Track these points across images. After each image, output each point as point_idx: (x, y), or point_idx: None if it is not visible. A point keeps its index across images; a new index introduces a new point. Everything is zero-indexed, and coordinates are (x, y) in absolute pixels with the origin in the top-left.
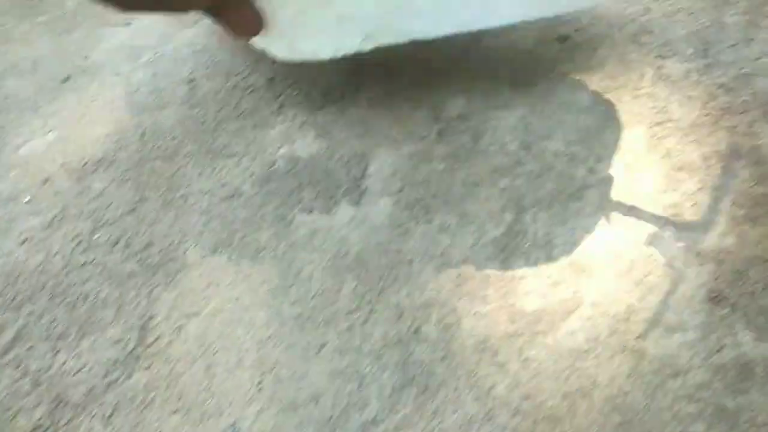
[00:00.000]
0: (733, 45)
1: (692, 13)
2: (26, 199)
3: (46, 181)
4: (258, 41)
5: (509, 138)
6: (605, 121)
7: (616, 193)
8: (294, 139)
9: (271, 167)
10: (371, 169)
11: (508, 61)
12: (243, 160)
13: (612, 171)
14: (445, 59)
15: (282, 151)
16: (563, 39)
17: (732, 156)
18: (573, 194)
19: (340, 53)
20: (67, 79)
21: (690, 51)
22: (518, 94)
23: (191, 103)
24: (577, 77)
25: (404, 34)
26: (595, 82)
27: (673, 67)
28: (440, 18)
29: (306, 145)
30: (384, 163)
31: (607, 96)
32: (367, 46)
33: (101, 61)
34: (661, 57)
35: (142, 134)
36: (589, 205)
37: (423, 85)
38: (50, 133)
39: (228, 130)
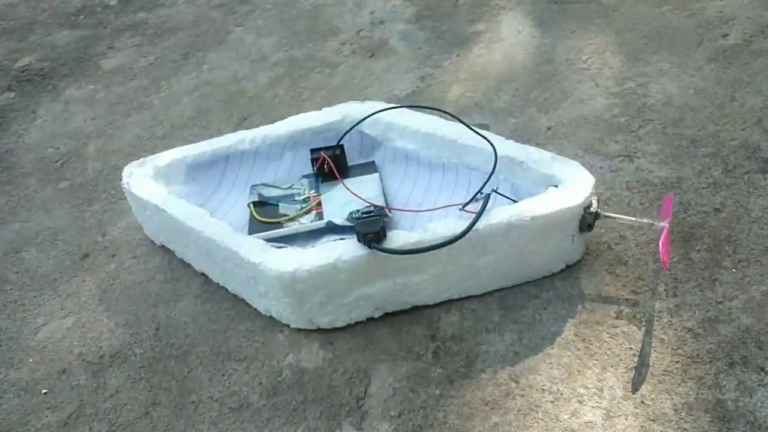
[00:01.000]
0: (698, 285)
1: None
2: (44, 391)
3: (63, 372)
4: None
5: (499, 366)
6: (586, 360)
7: None
8: (300, 346)
9: (278, 377)
10: (372, 388)
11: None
12: (252, 367)
13: (593, 416)
14: None
15: (289, 359)
16: None
17: (699, 409)
18: None
19: (353, 321)
20: (85, 256)
21: (662, 288)
22: (507, 319)
23: (204, 297)
24: (561, 307)
25: (408, 303)
26: (576, 313)
27: (647, 305)
28: (438, 291)
29: (312, 354)
30: (384, 383)
31: (587, 332)
32: (377, 314)
33: (119, 239)
34: (635, 292)
35: (157, 329)
36: None
37: None
38: (68, 317)
39: (238, 330)
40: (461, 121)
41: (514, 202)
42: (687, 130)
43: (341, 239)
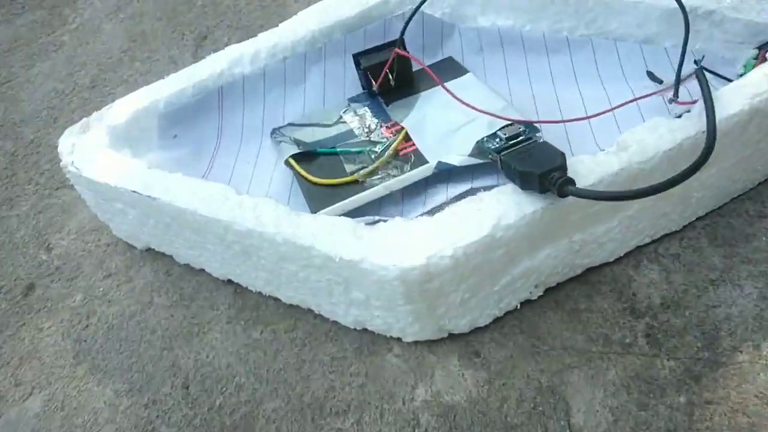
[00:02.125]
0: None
1: None
2: None
3: None
4: None
5: (760, 335)
6: None
7: None
8: (430, 368)
9: (415, 429)
10: (578, 417)
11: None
12: (364, 421)
13: None
14: None
15: (420, 394)
16: None
17: None
18: None
19: (501, 313)
20: (29, 289)
21: None
22: (736, 259)
23: (245, 318)
24: None
25: (581, 267)
26: None
27: None
28: (626, 241)
29: (454, 379)
30: (593, 403)
31: None
32: (536, 295)
33: (74, 251)
34: None
35: (186, 387)
36: None
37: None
38: (31, 400)
39: (320, 363)
40: None
41: (726, 80)
42: None
43: (468, 189)
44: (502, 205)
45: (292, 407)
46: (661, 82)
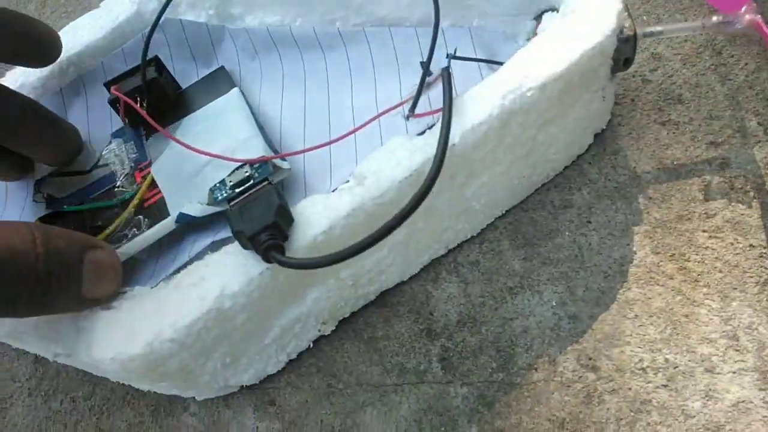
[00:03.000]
0: None
1: (722, 48)
2: None
3: None
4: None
5: (556, 350)
6: (690, 292)
7: None
8: (225, 426)
9: None
10: None
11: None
12: None
13: (742, 389)
14: None
15: None
16: None
17: None
18: None
19: (293, 355)
20: None
21: (753, 123)
22: (536, 261)
23: (40, 390)
24: (611, 211)
25: (371, 295)
26: (640, 213)
27: (740, 158)
28: (412, 261)
29: None
30: None
31: (671, 241)
32: (327, 330)
33: None
34: (715, 143)
35: None
36: None
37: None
38: None
39: (119, 430)
40: None
41: (495, 63)
42: None
43: (209, 244)
44: (228, 270)
45: None
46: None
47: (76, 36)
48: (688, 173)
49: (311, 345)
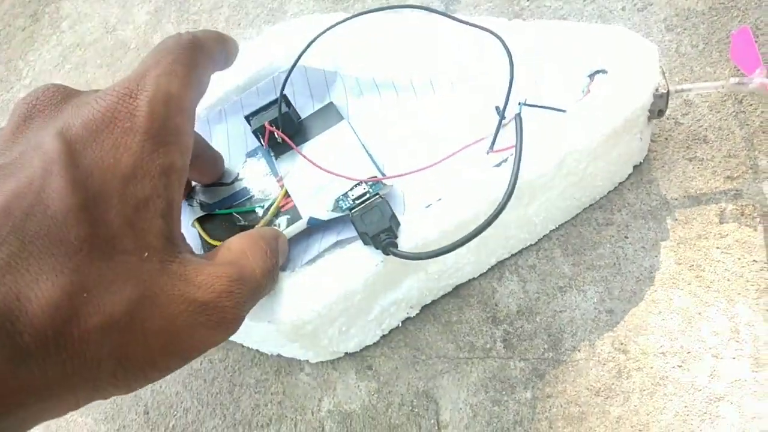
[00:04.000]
0: None
1: (743, 98)
2: None
3: None
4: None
5: (595, 336)
6: (704, 295)
7: None
8: (333, 383)
9: None
10: (445, 415)
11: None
12: (282, 430)
13: (738, 371)
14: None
15: (325, 405)
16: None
17: None
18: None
19: (386, 331)
20: None
21: (764, 162)
22: (582, 266)
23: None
24: (646, 229)
25: (449, 286)
26: (668, 232)
27: (752, 190)
28: (483, 262)
29: (352, 390)
30: (458, 402)
31: (691, 254)
32: (413, 313)
33: None
34: (731, 178)
35: (146, 412)
36: None
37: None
38: None
39: (247, 386)
40: (450, 17)
41: (557, 110)
42: None
43: (335, 242)
44: (356, 261)
45: (227, 424)
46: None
47: (222, 79)
48: (707, 201)
49: (400, 324)
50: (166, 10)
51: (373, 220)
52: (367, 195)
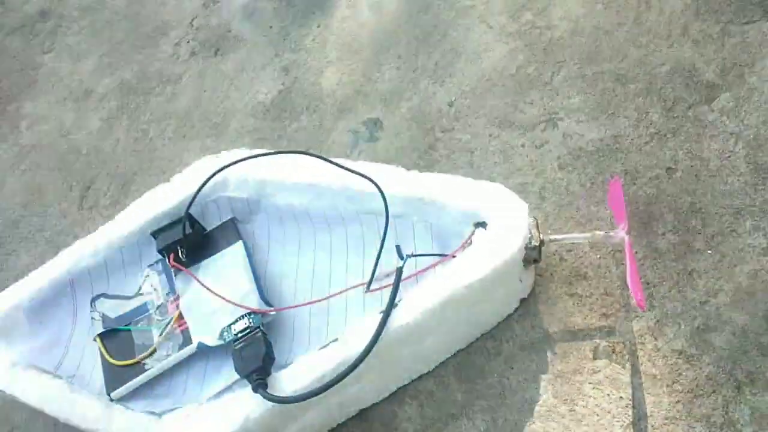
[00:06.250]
0: (675, 284)
1: None
2: None
3: None
4: None
5: None
6: (575, 428)
7: None
8: None
9: None
10: None
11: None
12: None
13: None
14: None
15: None
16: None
17: None
18: None
19: None
20: None
21: (634, 302)
22: (472, 395)
23: None
24: (528, 361)
25: (353, 411)
26: (547, 365)
27: (623, 329)
28: (384, 389)
29: None
30: None
31: (566, 389)
32: None
33: None
34: (606, 315)
35: None
36: None
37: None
38: None
39: None
40: (335, 163)
41: (443, 256)
42: (607, 64)
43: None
44: (252, 401)
45: None
46: (402, 257)
47: (154, 205)
48: (584, 336)
49: None
50: (118, 119)
51: (248, 357)
52: (248, 330)
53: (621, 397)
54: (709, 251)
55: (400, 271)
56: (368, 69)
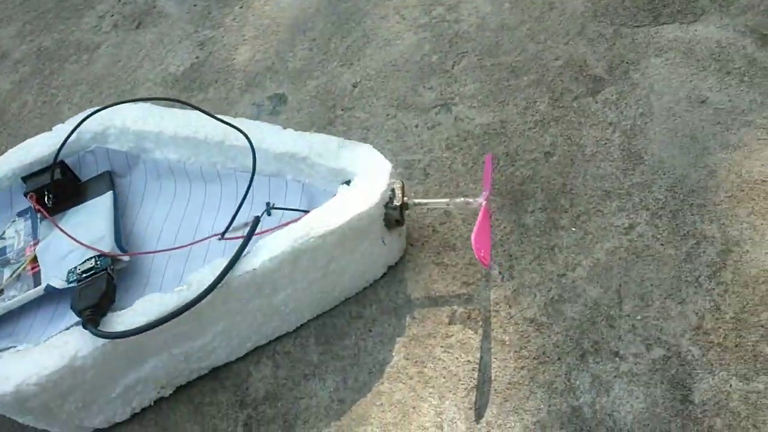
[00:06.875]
0: (536, 257)
1: (492, 214)
2: None
3: None
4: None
5: (323, 425)
6: (421, 390)
7: None
8: None
9: None
10: None
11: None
12: None
13: None
14: None
15: None
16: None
17: (553, 426)
18: None
19: (138, 409)
20: None
21: (496, 271)
22: (328, 355)
23: None
24: (387, 325)
25: (204, 369)
26: (404, 329)
27: (481, 297)
28: (237, 346)
29: None
30: None
31: (418, 351)
32: (167, 393)
33: None
34: (467, 283)
35: None
36: None
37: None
38: None
39: None
40: (206, 112)
41: (304, 212)
42: (506, 57)
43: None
44: (83, 338)
45: None
46: (269, 213)
47: (28, 151)
48: (443, 303)
49: (153, 403)
50: (29, 82)
51: (87, 296)
52: (93, 270)
53: (469, 361)
54: (573, 229)
55: (257, 219)
56: (282, 49)
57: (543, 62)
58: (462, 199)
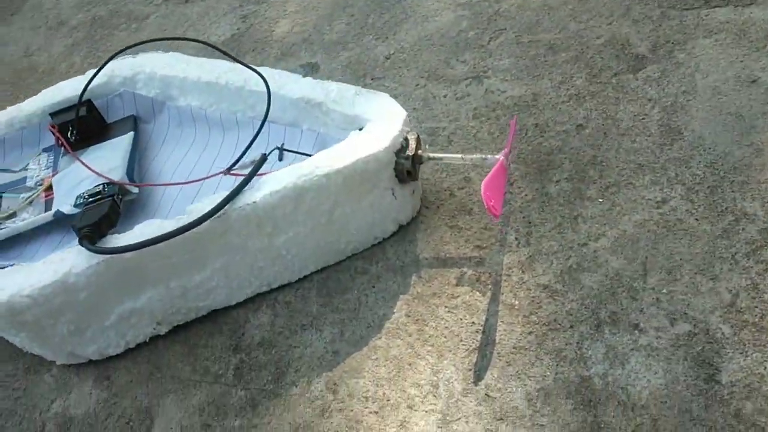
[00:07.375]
0: (557, 225)
1: (514, 181)
2: None
3: None
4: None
5: (315, 374)
6: (419, 348)
7: None
8: (70, 387)
9: None
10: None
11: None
12: (8, 425)
13: (425, 425)
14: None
15: (55, 407)
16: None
17: (559, 395)
18: None
19: (132, 344)
20: None
21: (512, 237)
22: (328, 308)
23: None
24: (392, 282)
25: (203, 309)
26: (409, 287)
27: (493, 261)
28: (237, 288)
29: (83, 397)
30: (171, 421)
31: (421, 309)
32: (163, 330)
33: None
34: (480, 247)
35: None
36: None
37: None
38: None
39: None
40: (230, 56)
41: (304, 155)
42: (545, 35)
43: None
44: (79, 256)
45: None
46: (281, 158)
47: (59, 92)
48: (453, 264)
49: (148, 340)
50: (80, 46)
51: (89, 216)
52: (100, 195)
53: (473, 323)
54: (600, 200)
55: (264, 156)
56: (320, 23)
57: (583, 40)
58: (478, 155)
